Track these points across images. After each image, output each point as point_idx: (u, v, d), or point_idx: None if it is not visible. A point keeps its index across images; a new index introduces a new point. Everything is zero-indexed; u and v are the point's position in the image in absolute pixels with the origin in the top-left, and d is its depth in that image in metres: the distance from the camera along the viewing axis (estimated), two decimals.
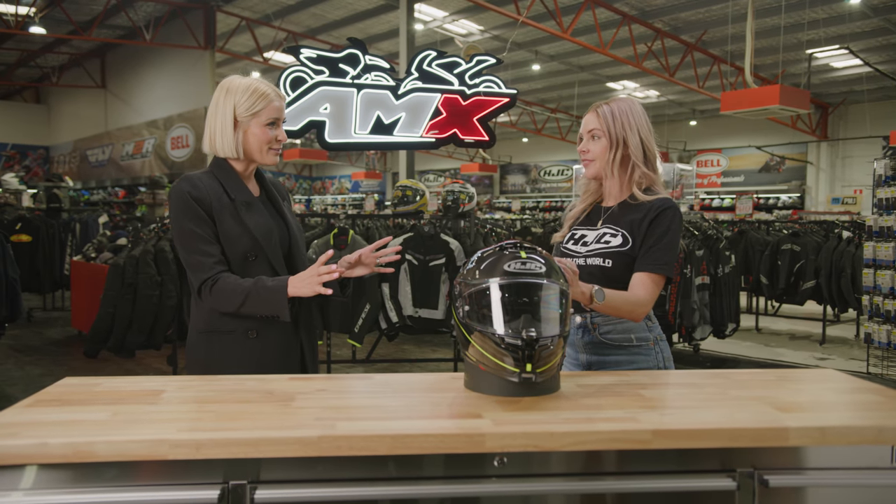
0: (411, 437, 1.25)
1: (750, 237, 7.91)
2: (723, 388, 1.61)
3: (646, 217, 1.93)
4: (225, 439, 1.22)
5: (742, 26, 11.18)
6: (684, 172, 6.69)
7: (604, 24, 12.75)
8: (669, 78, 14.29)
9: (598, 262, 1.94)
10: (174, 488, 1.22)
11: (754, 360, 6.77)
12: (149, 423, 1.29)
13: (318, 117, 4.12)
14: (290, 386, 1.57)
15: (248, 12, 14.46)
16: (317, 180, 31.81)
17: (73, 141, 21.45)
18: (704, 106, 19.88)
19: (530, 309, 1.47)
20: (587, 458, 1.31)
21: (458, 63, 4.34)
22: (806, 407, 1.44)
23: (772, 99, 9.83)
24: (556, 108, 20.90)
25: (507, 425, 1.30)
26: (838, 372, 1.74)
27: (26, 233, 8.04)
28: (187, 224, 1.85)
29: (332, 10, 14.00)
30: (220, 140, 1.93)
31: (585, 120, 2.06)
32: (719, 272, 6.32)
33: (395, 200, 5.13)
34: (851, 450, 1.33)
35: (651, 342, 1.97)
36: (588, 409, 1.42)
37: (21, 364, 6.08)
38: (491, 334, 1.45)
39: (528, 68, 16.58)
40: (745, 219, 8.44)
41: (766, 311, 8.91)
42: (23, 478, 1.18)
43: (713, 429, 1.30)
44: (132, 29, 15.19)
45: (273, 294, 1.82)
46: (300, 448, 1.22)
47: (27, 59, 19.14)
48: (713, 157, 21.30)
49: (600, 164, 2.01)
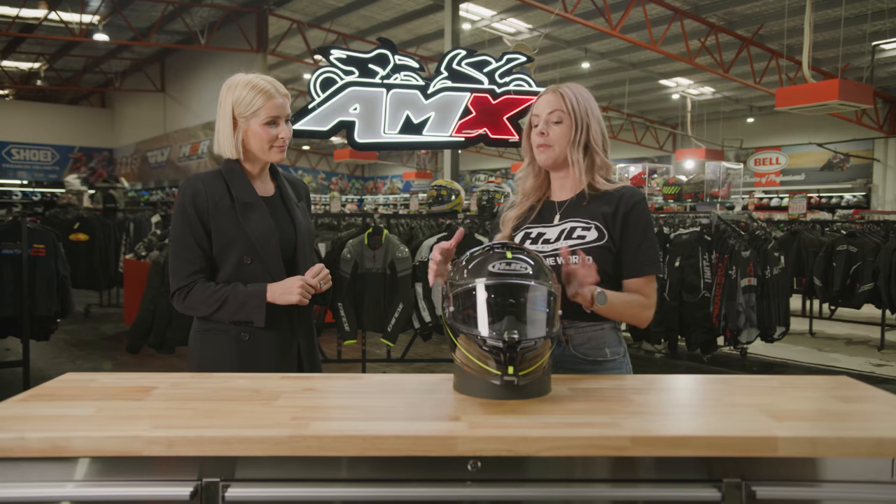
0: (382, 438, 1.24)
1: (803, 238, 7.62)
2: (721, 394, 1.55)
3: (618, 210, 1.80)
4: (197, 437, 1.23)
5: (801, 19, 10.79)
6: (731, 171, 6.47)
7: (655, 20, 12.49)
8: (724, 74, 13.88)
9: (577, 259, 1.78)
10: (149, 484, 1.24)
11: (805, 365, 6.53)
12: (128, 420, 1.31)
13: (348, 118, 4.15)
14: (278, 385, 1.58)
15: (298, 15, 14.71)
16: (369, 180, 32.16)
17: (135, 143, 22.25)
18: (762, 102, 19.25)
19: (514, 310, 1.44)
20: (567, 465, 1.27)
21: (488, 62, 4.31)
22: (804, 416, 1.37)
23: (830, 94, 9.45)
24: (607, 107, 20.57)
25: (483, 429, 1.28)
26: (853, 379, 1.65)
27: (84, 232, 8.36)
28: (177, 229, 1.88)
29: (381, 11, 14.12)
30: (221, 140, 1.93)
31: (543, 101, 1.87)
32: (767, 274, 6.11)
33: (430, 200, 5.13)
34: (850, 462, 1.26)
35: (622, 354, 1.85)
36: (572, 413, 1.38)
37: (73, 358, 6.32)
38: (474, 336, 1.42)
39: (578, 66, 16.37)
40: (798, 218, 8.13)
41: (821, 315, 8.57)
42: (1, 471, 1.21)
43: (696, 436, 1.25)
44: (188, 34, 15.65)
45: (249, 299, 1.84)
46: (270, 447, 1.23)
47: (92, 66, 19.94)
48: (772, 155, 20.62)
49: (560, 149, 1.83)
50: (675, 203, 6.97)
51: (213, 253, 1.91)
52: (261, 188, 2.00)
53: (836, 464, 1.25)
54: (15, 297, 5.17)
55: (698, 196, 6.44)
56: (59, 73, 20.18)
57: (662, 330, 6.18)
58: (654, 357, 6.74)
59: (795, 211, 8.02)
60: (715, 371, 6.18)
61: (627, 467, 1.27)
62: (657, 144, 22.74)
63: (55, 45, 17.70)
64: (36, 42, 17.15)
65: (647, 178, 7.14)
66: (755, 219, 6.86)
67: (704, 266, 5.92)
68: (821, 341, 7.75)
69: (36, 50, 18.23)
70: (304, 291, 1.86)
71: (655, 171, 7.37)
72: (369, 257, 4.87)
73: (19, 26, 14.98)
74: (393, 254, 4.85)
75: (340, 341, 5.03)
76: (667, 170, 7.62)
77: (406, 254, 4.86)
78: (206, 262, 1.89)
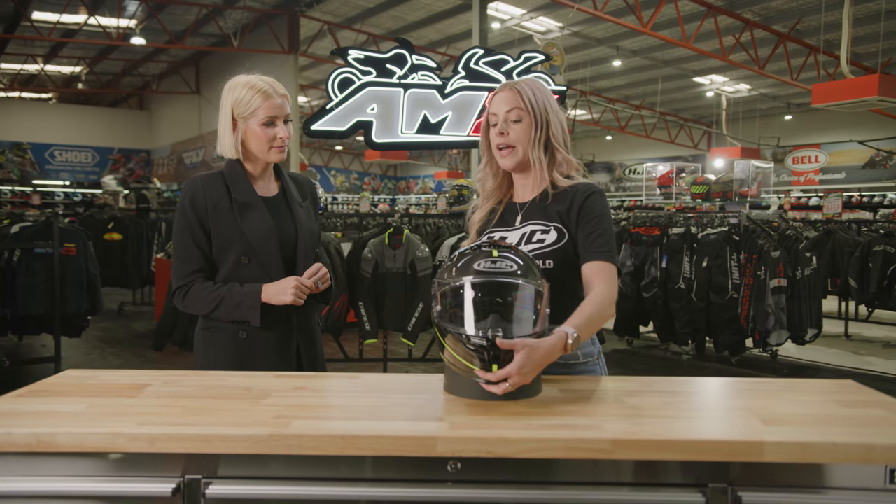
0: (361, 438, 1.24)
1: (838, 238, 7.43)
2: (718, 397, 1.51)
3: (573, 204, 1.74)
4: (178, 434, 1.25)
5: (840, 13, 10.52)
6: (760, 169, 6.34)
7: (688, 17, 12.29)
8: (759, 71, 13.60)
9: (538, 264, 1.64)
10: (134, 480, 1.26)
11: (838, 368, 6.35)
12: (115, 417, 1.33)
13: (366, 118, 4.17)
14: (270, 383, 1.59)
15: (329, 16, 14.83)
16: (401, 180, 32.28)
17: (171, 144, 22.67)
18: (801, 99, 18.82)
19: (500, 309, 1.42)
20: (550, 467, 1.25)
21: (506, 60, 4.28)
22: (797, 420, 1.33)
23: (870, 90, 9.18)
24: (640, 105, 20.33)
25: (464, 430, 1.27)
26: (858, 384, 1.60)
27: (118, 231, 8.54)
28: (177, 230, 1.92)
29: (411, 11, 14.16)
30: (223, 140, 1.94)
31: (500, 99, 1.78)
32: (798, 274, 5.97)
33: (451, 199, 5.13)
34: (843, 468, 1.22)
35: (595, 356, 1.79)
36: (558, 415, 1.37)
37: (105, 355, 6.46)
38: (460, 335, 1.41)
39: (609, 64, 16.20)
40: (832, 218, 7.93)
41: (858, 317, 8.33)
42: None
43: (679, 440, 1.22)
44: (222, 37, 15.88)
45: (245, 299, 1.86)
46: (250, 445, 1.23)
47: (131, 69, 20.37)
48: (811, 153, 20.13)
49: (522, 150, 1.76)
50: (704, 202, 6.86)
51: (212, 253, 1.92)
52: (263, 188, 2.01)
53: (829, 470, 1.22)
54: (47, 295, 5.32)
55: (727, 195, 6.32)
56: (98, 76, 20.67)
57: (689, 331, 6.09)
58: (682, 359, 6.63)
59: (830, 210, 7.83)
60: (743, 374, 6.06)
61: (612, 470, 1.25)
62: (692, 143, 22.39)
63: (95, 50, 18.11)
64: (77, 46, 17.57)
65: (674, 176, 7.02)
66: (786, 218, 6.71)
67: (732, 266, 5.81)
68: (857, 344, 7.54)
69: (77, 54, 18.68)
70: (298, 292, 1.86)
71: (684, 170, 7.24)
72: (390, 257, 4.88)
73: (60, 31, 15.37)
74: (413, 253, 4.86)
75: (362, 340, 5.06)
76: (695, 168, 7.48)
77: (426, 253, 4.87)
78: (205, 262, 1.92)
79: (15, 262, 5.31)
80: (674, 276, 6.07)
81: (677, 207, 7.01)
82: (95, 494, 1.25)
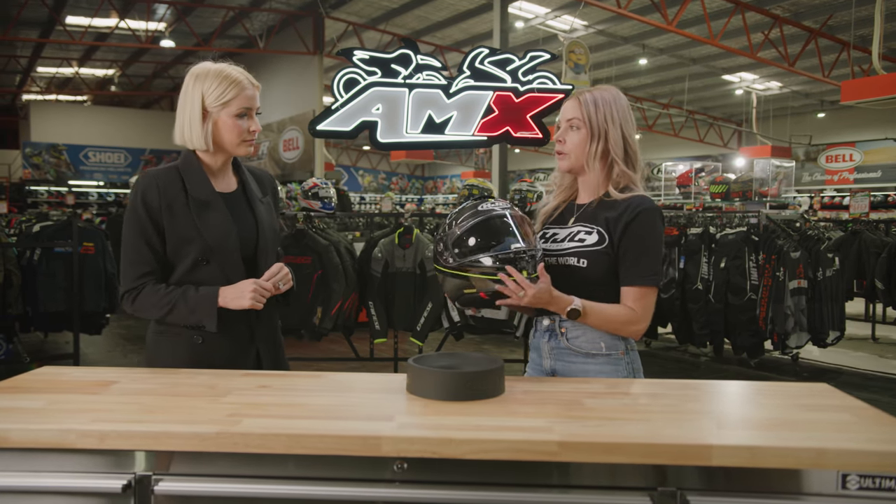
0: (306, 437, 1.24)
1: (864, 238, 7.25)
2: (683, 400, 1.48)
3: (622, 216, 1.77)
4: (128, 431, 1.26)
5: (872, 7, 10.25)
6: (781, 168, 6.21)
7: (715, 14, 12.10)
8: (789, 68, 13.32)
9: (573, 261, 1.80)
10: (86, 476, 1.27)
11: (861, 371, 6.20)
12: (72, 413, 1.35)
13: (371, 118, 4.17)
14: (233, 382, 1.60)
15: (354, 17, 14.90)
16: (429, 180, 32.33)
17: None
18: (834, 96, 18.38)
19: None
20: (498, 468, 1.24)
21: (512, 60, 4.25)
22: (754, 424, 1.30)
23: None
24: (667, 104, 20.08)
25: (411, 430, 1.27)
26: (832, 388, 1.55)
27: None
28: (127, 230, 1.81)
29: (436, 11, 14.16)
30: (189, 131, 1.84)
31: (565, 108, 1.90)
32: (819, 276, 5.84)
33: (461, 200, 5.11)
34: (797, 474, 1.18)
35: (622, 351, 1.80)
36: (512, 416, 1.36)
37: (125, 352, 6.58)
38: (508, 252, 1.68)
39: (635, 63, 16.03)
40: (860, 217, 7.74)
41: (885, 320, 8.13)
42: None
43: (627, 443, 1.20)
44: (248, 38, 16.06)
45: (200, 304, 1.76)
46: (198, 443, 1.24)
47: (161, 71, 20.70)
48: (845, 152, 19.65)
49: (575, 157, 1.85)
50: (723, 202, 6.74)
51: (166, 253, 1.82)
52: (221, 184, 1.92)
53: (780, 475, 1.18)
54: (66, 293, 5.44)
55: (746, 195, 6.20)
56: (130, 78, 21.05)
57: (707, 332, 5.99)
58: (699, 361, 6.53)
59: (857, 210, 7.65)
60: (762, 377, 5.94)
61: (561, 473, 1.24)
62: (721, 142, 22.05)
63: (127, 53, 18.46)
64: (109, 50, 17.92)
65: (693, 176, 6.91)
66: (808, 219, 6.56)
67: (751, 267, 5.70)
68: (883, 347, 7.35)
69: (110, 57, 19.06)
70: (256, 296, 1.75)
71: (703, 170, 7.12)
72: (399, 256, 4.89)
73: (93, 35, 15.69)
74: (423, 253, 4.86)
75: (372, 340, 5.07)
76: (715, 168, 7.36)
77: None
78: (157, 263, 1.81)
79: (35, 260, 5.44)
80: (691, 277, 5.98)
81: (697, 207, 6.90)
82: (47, 489, 1.27)
